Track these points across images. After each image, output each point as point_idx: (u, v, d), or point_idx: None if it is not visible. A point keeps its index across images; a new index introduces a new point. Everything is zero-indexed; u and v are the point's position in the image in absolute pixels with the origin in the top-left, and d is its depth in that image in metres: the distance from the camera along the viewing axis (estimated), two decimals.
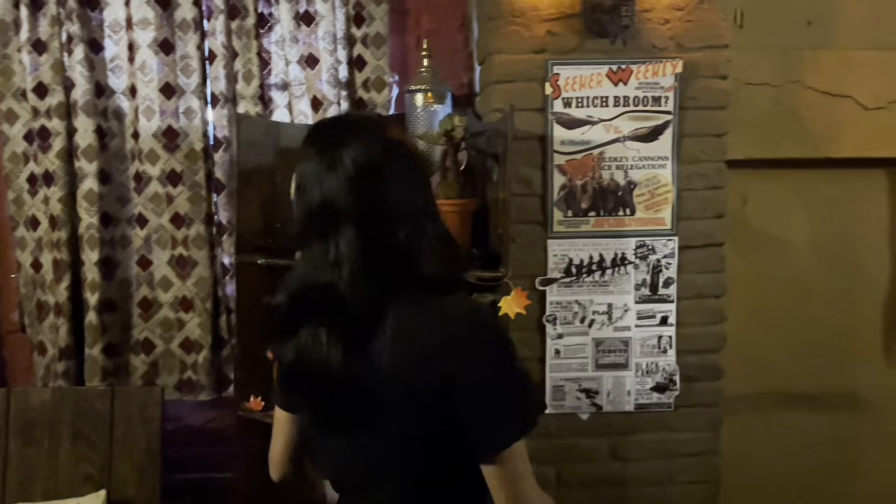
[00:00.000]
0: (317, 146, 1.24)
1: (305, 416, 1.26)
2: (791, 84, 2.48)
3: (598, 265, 2.20)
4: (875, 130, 2.50)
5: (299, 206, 1.23)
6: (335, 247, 1.14)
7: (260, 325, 2.30)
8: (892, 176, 2.62)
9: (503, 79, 2.14)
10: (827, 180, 2.60)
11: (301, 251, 1.22)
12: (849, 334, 2.68)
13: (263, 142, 2.30)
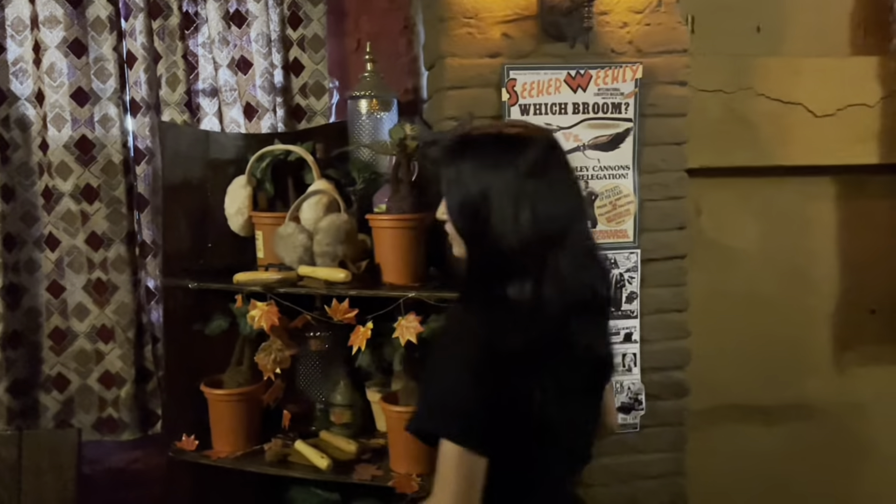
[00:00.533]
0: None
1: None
2: (743, 91, 2.43)
3: None
4: (824, 138, 2.48)
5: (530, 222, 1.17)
6: (585, 245, 1.24)
7: (190, 354, 2.08)
8: (840, 184, 2.61)
9: (456, 84, 2.00)
10: (778, 188, 2.56)
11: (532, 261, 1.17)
12: (801, 345, 2.65)
13: (191, 153, 2.09)
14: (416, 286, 1.89)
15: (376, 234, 1.94)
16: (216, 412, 2.05)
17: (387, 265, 1.92)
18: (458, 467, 1.12)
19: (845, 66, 2.49)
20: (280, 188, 2.14)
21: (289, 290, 1.90)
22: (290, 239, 1.92)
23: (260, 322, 1.88)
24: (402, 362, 1.95)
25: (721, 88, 2.41)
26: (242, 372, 2.07)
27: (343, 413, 2.10)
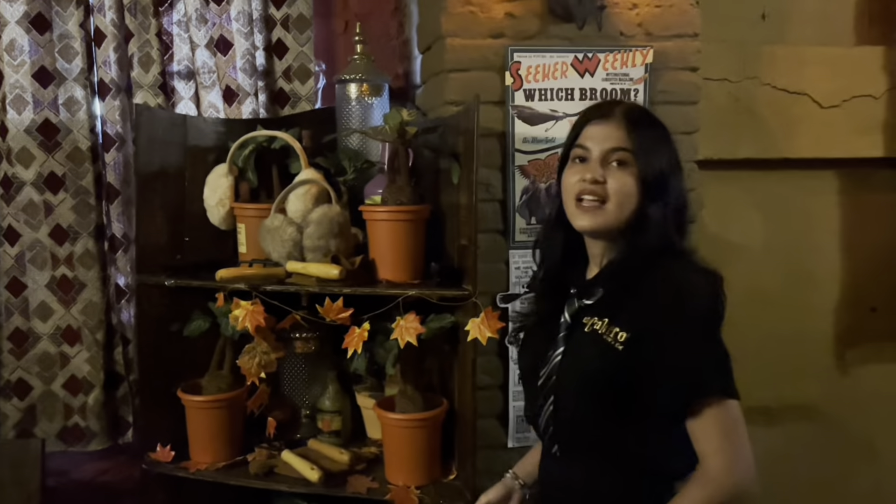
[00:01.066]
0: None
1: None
2: (749, 80, 2.34)
3: None
4: (830, 129, 2.40)
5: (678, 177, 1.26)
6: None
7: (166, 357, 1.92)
8: (844, 177, 2.53)
9: (457, 66, 1.86)
10: (782, 181, 2.48)
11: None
12: (801, 343, 2.57)
13: (168, 138, 1.92)
14: (415, 283, 1.75)
15: (371, 227, 1.80)
16: (195, 420, 1.89)
17: (383, 261, 1.78)
18: (743, 423, 1.17)
19: (851, 55, 2.42)
20: (264, 178, 1.99)
21: (276, 288, 1.75)
22: (278, 232, 1.76)
23: (244, 323, 1.73)
24: (398, 365, 1.82)
25: (726, 77, 2.32)
26: (223, 376, 1.91)
27: (332, 420, 1.96)
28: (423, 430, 1.74)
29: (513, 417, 1.97)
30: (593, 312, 1.26)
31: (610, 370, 1.20)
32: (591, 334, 1.24)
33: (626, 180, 1.22)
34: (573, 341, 1.27)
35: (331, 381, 1.97)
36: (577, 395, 1.25)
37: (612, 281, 1.25)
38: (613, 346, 1.20)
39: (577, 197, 1.24)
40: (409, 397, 1.76)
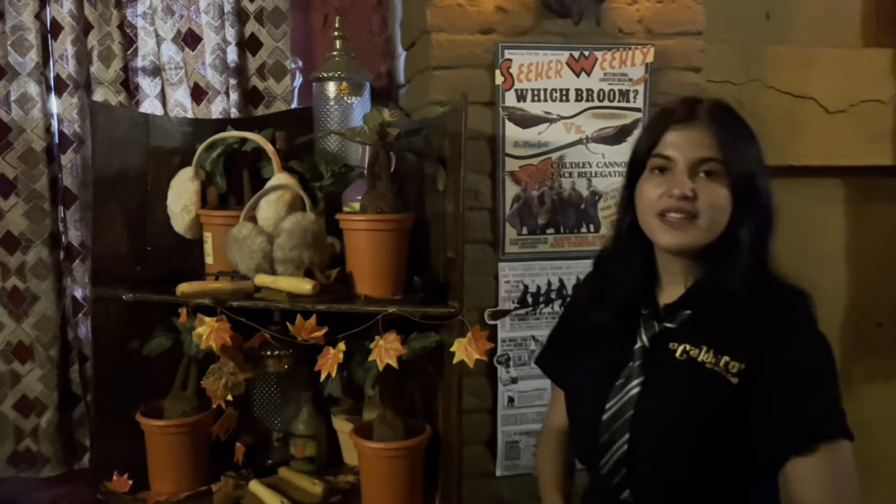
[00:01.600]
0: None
1: None
2: (752, 83, 2.21)
3: (558, 293, 1.81)
4: (836, 136, 2.27)
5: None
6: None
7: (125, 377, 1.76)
8: (850, 186, 2.41)
9: (443, 63, 1.72)
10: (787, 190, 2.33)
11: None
12: None
13: (129, 139, 1.77)
14: (396, 299, 1.60)
15: (349, 236, 1.65)
16: (155, 446, 1.73)
17: (361, 274, 1.63)
18: (854, 467, 1.07)
19: (858, 58, 2.30)
20: (233, 183, 1.83)
21: (243, 304, 1.59)
22: (246, 242, 1.61)
23: (208, 341, 1.57)
24: (377, 387, 1.67)
25: (728, 79, 2.19)
26: (187, 398, 1.76)
27: (306, 445, 1.81)
28: (404, 460, 1.59)
29: (501, 443, 1.83)
30: (683, 338, 1.11)
31: (720, 405, 1.05)
32: (687, 363, 1.09)
33: (718, 193, 1.08)
34: (659, 371, 1.12)
35: (305, 403, 1.82)
36: (672, 434, 1.08)
37: (706, 303, 1.11)
38: (725, 379, 1.05)
39: (661, 213, 1.09)
40: (388, 423, 1.61)
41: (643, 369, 1.12)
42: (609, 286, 1.20)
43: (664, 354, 1.12)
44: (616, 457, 1.11)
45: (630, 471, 1.10)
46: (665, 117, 1.14)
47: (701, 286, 1.12)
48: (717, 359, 1.07)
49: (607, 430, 1.13)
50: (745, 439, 1.05)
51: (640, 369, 1.13)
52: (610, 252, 1.23)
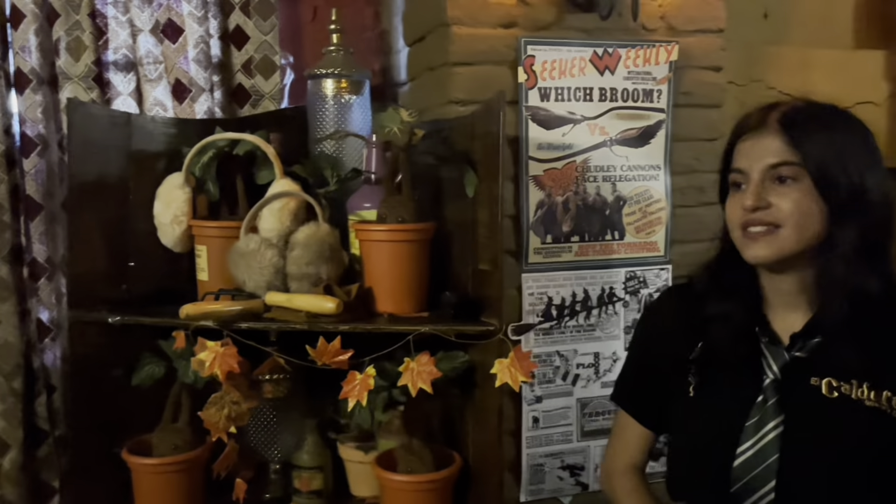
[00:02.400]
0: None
1: None
2: (755, 83, 2.17)
3: (583, 304, 1.71)
4: None
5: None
6: None
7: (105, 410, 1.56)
8: None
9: (463, 60, 1.59)
10: None
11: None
12: None
13: (108, 142, 1.57)
14: (423, 317, 1.46)
15: (368, 248, 1.50)
16: (144, 486, 1.54)
17: (382, 290, 1.48)
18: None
19: (853, 59, 2.29)
20: (225, 190, 1.66)
21: (253, 326, 1.42)
22: (255, 257, 1.44)
23: (212, 368, 1.40)
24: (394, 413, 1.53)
25: (733, 80, 2.13)
26: (179, 431, 1.58)
27: (312, 478, 1.64)
28: (434, 493, 1.45)
29: (526, 467, 1.71)
30: (825, 371, 1.02)
31: (887, 447, 0.97)
32: (840, 401, 1.00)
33: (796, 197, 1.01)
34: (800, 408, 1.02)
35: (310, 432, 1.66)
36: (833, 482, 0.99)
37: (843, 326, 1.01)
38: (890, 416, 0.97)
39: (742, 228, 1.03)
40: (415, 453, 1.47)
41: (780, 407, 1.03)
42: (711, 311, 1.10)
43: (803, 389, 1.03)
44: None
45: None
46: (737, 129, 1.09)
47: (828, 305, 1.03)
48: (878, 394, 0.99)
49: (742, 478, 1.02)
50: None
51: (777, 407, 1.03)
52: (707, 276, 1.14)
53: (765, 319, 1.10)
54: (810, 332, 1.05)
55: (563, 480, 1.73)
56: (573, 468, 1.74)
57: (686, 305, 1.18)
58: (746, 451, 1.03)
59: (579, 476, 1.74)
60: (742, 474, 1.03)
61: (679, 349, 1.15)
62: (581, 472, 1.74)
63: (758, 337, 1.08)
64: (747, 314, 1.09)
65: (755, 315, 1.10)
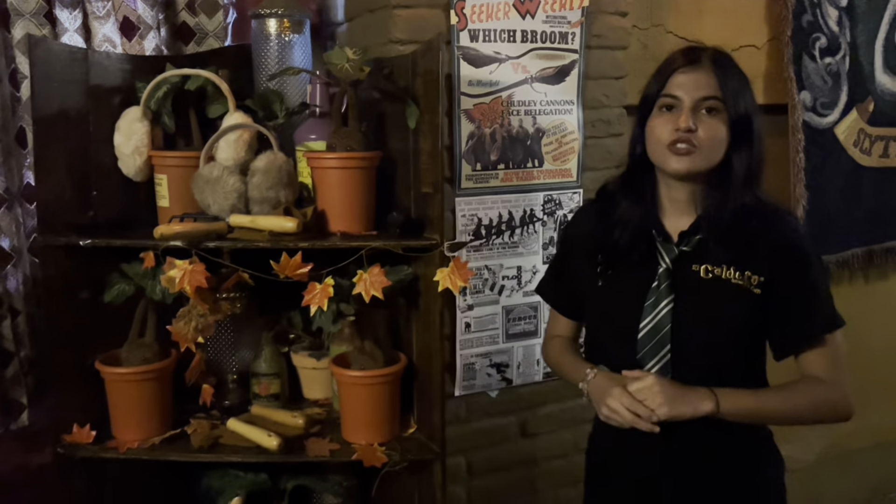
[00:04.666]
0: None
1: None
2: (655, 28, 2.40)
3: (508, 224, 1.94)
4: None
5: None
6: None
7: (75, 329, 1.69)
8: None
9: (402, 3, 1.75)
10: None
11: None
12: None
13: (68, 77, 1.66)
14: (373, 234, 1.65)
15: (320, 175, 1.67)
16: (119, 395, 1.69)
17: (334, 212, 1.66)
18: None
19: (739, 6, 2.55)
20: (178, 124, 1.78)
21: (221, 245, 1.58)
22: (219, 183, 1.59)
23: (182, 284, 1.55)
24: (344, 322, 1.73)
25: (636, 24, 2.37)
26: (147, 345, 1.72)
27: (271, 383, 1.83)
28: (386, 386, 1.67)
29: (459, 366, 1.95)
30: (701, 260, 1.29)
31: (748, 313, 1.27)
32: (713, 281, 1.28)
33: (717, 127, 1.25)
34: (686, 289, 1.29)
35: (266, 343, 1.84)
36: (708, 342, 1.28)
37: (717, 227, 1.27)
38: (749, 290, 1.26)
39: (669, 143, 1.25)
40: (367, 353, 1.68)
41: (671, 289, 1.30)
42: (617, 216, 1.35)
43: (688, 275, 1.31)
44: (658, 367, 1.30)
45: (673, 377, 1.29)
46: (672, 62, 1.30)
47: (708, 212, 1.29)
48: (742, 274, 1.28)
49: (645, 346, 1.30)
50: (763, 337, 1.31)
51: (669, 289, 1.30)
52: (618, 184, 1.38)
53: (660, 222, 1.35)
54: (694, 231, 1.32)
55: (491, 377, 1.99)
56: (499, 366, 2.00)
57: (596, 216, 1.43)
58: (647, 324, 1.31)
59: (505, 373, 2.00)
60: (646, 342, 1.31)
61: (590, 250, 1.41)
62: (506, 369, 2.00)
63: (654, 236, 1.34)
64: (646, 217, 1.35)
65: (652, 218, 1.35)
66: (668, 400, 1.24)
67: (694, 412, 1.25)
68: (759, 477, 1.36)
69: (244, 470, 1.80)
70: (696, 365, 1.30)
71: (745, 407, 1.27)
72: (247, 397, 1.86)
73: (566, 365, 1.49)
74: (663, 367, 1.30)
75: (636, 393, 1.26)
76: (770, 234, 1.29)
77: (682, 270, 1.31)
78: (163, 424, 1.72)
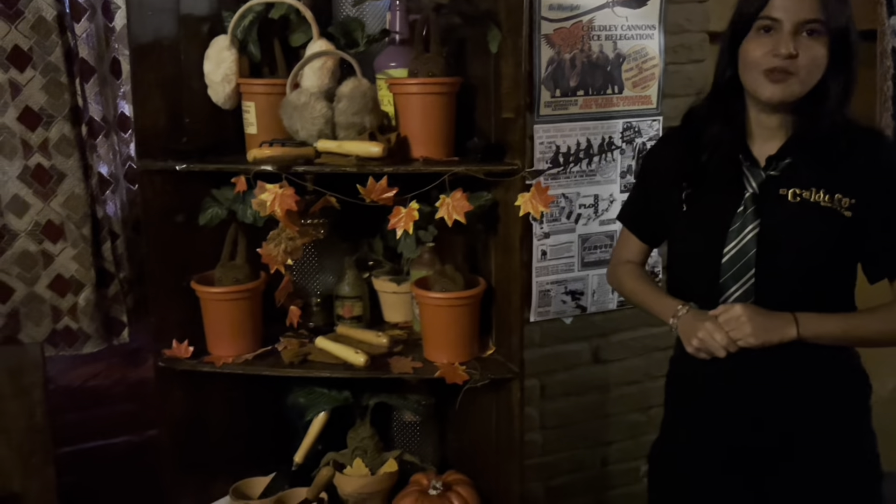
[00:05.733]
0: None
1: None
2: None
3: (586, 152, 1.94)
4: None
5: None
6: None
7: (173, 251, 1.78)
8: None
9: None
10: None
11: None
12: None
13: (160, 6, 1.71)
14: (454, 160, 1.68)
15: (402, 101, 1.70)
16: (214, 313, 1.79)
17: (417, 138, 1.69)
18: None
19: None
20: (264, 52, 1.82)
21: (309, 169, 1.63)
22: (307, 109, 1.63)
23: (273, 207, 1.62)
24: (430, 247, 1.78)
25: None
26: (238, 267, 1.80)
27: (353, 305, 1.90)
28: (466, 308, 1.72)
29: (535, 293, 1.99)
30: (791, 183, 1.28)
31: (836, 236, 1.26)
32: (801, 204, 1.27)
33: (818, 52, 1.21)
34: (773, 213, 1.28)
35: (349, 267, 1.91)
36: (794, 266, 1.28)
37: (807, 151, 1.26)
38: (839, 213, 1.25)
39: (766, 70, 1.22)
40: (448, 276, 1.73)
41: (757, 214, 1.29)
42: (703, 141, 1.34)
43: (775, 199, 1.29)
44: (741, 292, 1.30)
45: (755, 304, 1.29)
46: None
47: (799, 136, 1.28)
48: (831, 197, 1.26)
49: (728, 271, 1.30)
50: (851, 261, 1.30)
51: (755, 214, 1.29)
52: (706, 108, 1.36)
53: (747, 147, 1.34)
54: (783, 155, 1.30)
55: (566, 304, 2.03)
56: (574, 293, 2.03)
57: (681, 142, 1.42)
58: (731, 250, 1.30)
59: (579, 300, 2.04)
60: (728, 267, 1.30)
61: (675, 176, 1.40)
62: (581, 296, 2.03)
63: (740, 161, 1.33)
64: (733, 142, 1.33)
65: (739, 143, 1.34)
66: (756, 329, 1.25)
67: (780, 339, 1.26)
68: (844, 398, 1.37)
69: (329, 387, 1.90)
70: (780, 290, 1.30)
71: (828, 331, 1.27)
72: (330, 319, 1.94)
73: (646, 294, 1.50)
74: (746, 292, 1.30)
75: (725, 324, 1.28)
76: (861, 156, 1.26)
77: (769, 195, 1.30)
78: (254, 342, 1.81)
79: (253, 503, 1.82)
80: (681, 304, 1.39)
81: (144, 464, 2.01)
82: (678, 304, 1.40)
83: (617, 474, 2.21)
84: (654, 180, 1.48)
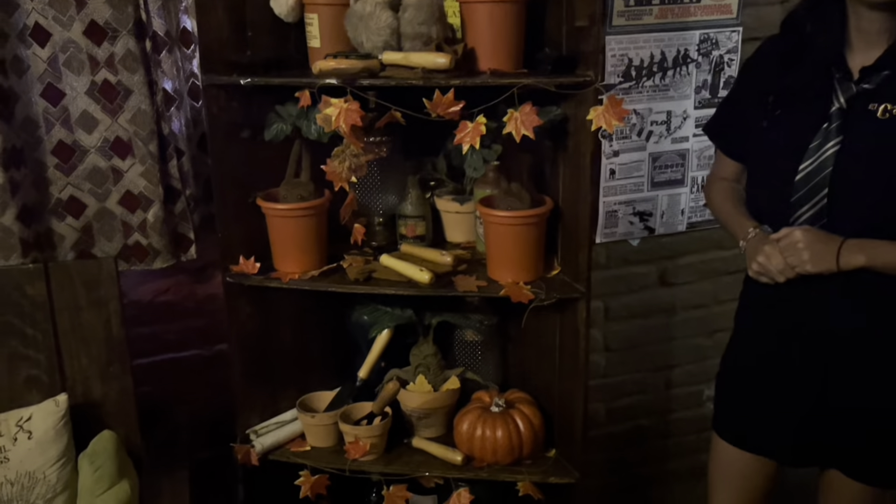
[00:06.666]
0: None
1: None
2: None
3: (660, 66, 1.85)
4: None
5: None
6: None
7: (237, 168, 1.78)
8: None
9: None
10: None
11: None
12: None
13: None
14: (523, 72, 1.62)
15: (468, 11, 1.63)
16: (279, 230, 1.80)
17: (484, 49, 1.63)
18: None
19: None
20: None
21: (374, 83, 1.60)
22: (372, 19, 1.58)
23: (338, 122, 1.59)
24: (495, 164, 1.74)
25: None
26: (302, 184, 1.80)
27: (416, 225, 1.89)
28: (532, 227, 1.69)
29: (602, 213, 1.95)
30: (883, 98, 1.19)
31: None
32: (891, 121, 1.18)
33: None
34: (859, 130, 1.20)
35: (412, 186, 1.89)
36: (873, 188, 1.20)
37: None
38: None
39: None
40: (514, 194, 1.69)
41: (842, 130, 1.20)
42: (800, 47, 1.25)
43: (863, 115, 1.20)
44: (812, 213, 1.23)
45: (833, 222, 1.22)
46: None
47: None
48: None
49: (801, 189, 1.23)
50: None
51: (838, 130, 1.21)
52: (804, 10, 1.27)
53: (843, 57, 1.25)
54: (880, 66, 1.20)
55: (633, 225, 1.97)
56: (643, 214, 1.97)
57: (775, 52, 1.34)
58: (807, 166, 1.23)
59: (647, 221, 1.98)
60: (801, 185, 1.24)
61: (763, 87, 1.32)
62: (649, 217, 1.98)
63: (832, 73, 1.24)
64: (828, 50, 1.24)
65: (834, 53, 1.24)
66: (814, 256, 1.20)
67: (842, 266, 1.20)
68: None
69: (391, 306, 1.91)
70: (854, 213, 1.23)
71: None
72: (394, 238, 1.93)
73: (728, 215, 1.45)
74: (818, 213, 1.24)
75: (783, 249, 1.23)
76: None
77: (857, 110, 1.21)
78: (320, 259, 1.82)
79: (320, 415, 1.86)
80: (753, 225, 1.34)
81: (215, 377, 2.07)
82: (751, 225, 1.35)
83: (680, 397, 2.19)
84: (742, 93, 1.41)
